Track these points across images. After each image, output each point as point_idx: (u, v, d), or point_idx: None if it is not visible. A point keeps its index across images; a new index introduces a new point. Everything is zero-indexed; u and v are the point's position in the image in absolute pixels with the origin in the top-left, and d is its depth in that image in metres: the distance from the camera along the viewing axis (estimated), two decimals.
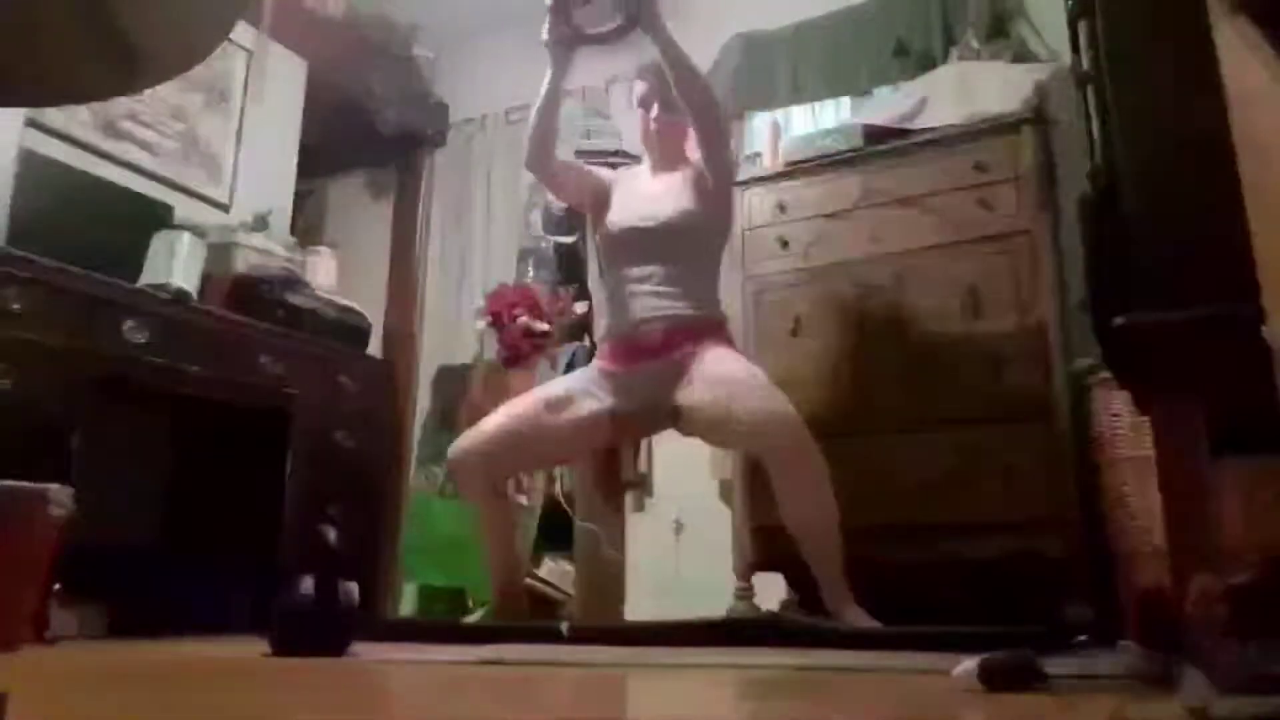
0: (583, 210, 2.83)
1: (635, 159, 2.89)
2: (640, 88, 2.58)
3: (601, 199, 2.61)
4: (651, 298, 2.43)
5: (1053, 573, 2.34)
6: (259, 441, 3.17)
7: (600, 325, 2.64)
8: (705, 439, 2.55)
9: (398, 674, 1.61)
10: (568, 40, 2.44)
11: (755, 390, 2.27)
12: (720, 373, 2.32)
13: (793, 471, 2.22)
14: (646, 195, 2.54)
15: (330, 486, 3.22)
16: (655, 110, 2.55)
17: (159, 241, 3.01)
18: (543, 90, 2.49)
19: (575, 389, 2.48)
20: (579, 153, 3.50)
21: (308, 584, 1.85)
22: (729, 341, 2.49)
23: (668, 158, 2.60)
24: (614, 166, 2.83)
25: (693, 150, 2.59)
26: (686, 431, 2.46)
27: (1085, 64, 1.43)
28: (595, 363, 2.57)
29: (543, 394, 2.51)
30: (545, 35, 2.44)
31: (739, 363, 2.39)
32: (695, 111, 2.49)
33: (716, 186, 2.53)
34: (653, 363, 2.40)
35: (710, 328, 2.45)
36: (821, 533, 2.21)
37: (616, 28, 2.39)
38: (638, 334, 2.44)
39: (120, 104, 3.29)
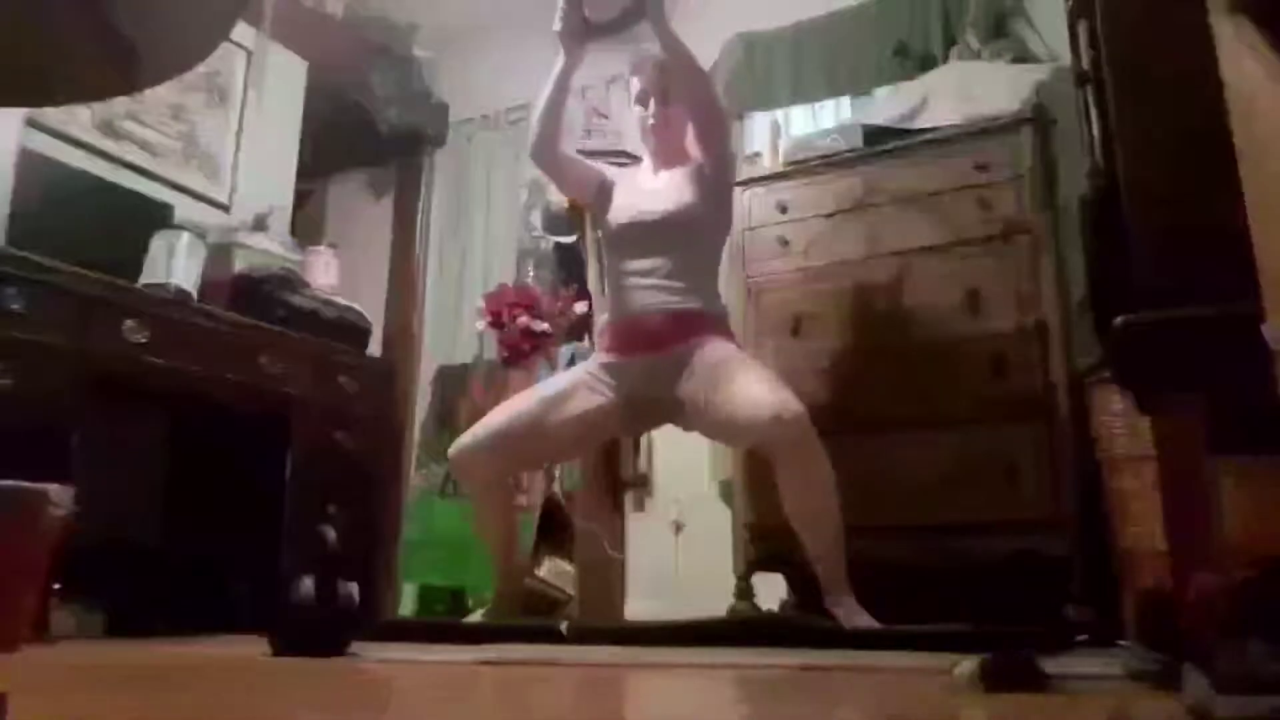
0: (584, 204, 2.83)
1: (636, 159, 2.88)
2: (637, 83, 2.59)
3: (604, 193, 2.62)
4: (653, 291, 2.43)
5: (1053, 573, 2.34)
6: (259, 441, 3.17)
7: (601, 318, 2.64)
8: (706, 434, 2.51)
9: (398, 674, 1.61)
10: (580, 30, 2.46)
11: (757, 384, 2.25)
12: (721, 367, 2.32)
13: (795, 466, 2.20)
14: (648, 190, 2.55)
15: (330, 486, 3.22)
16: (652, 106, 2.55)
17: (159, 241, 3.01)
18: (551, 80, 2.51)
19: (576, 384, 2.47)
20: (580, 151, 3.50)
21: (308, 584, 1.85)
22: (729, 335, 2.49)
23: (667, 154, 2.59)
24: (617, 165, 2.83)
25: (692, 146, 2.60)
26: (687, 427, 2.45)
27: (1085, 64, 1.43)
28: (596, 357, 2.56)
29: (543, 391, 2.50)
30: (557, 25, 2.46)
31: (739, 357, 2.38)
32: (694, 106, 2.51)
33: (715, 180, 2.53)
34: (654, 355, 2.39)
35: (711, 322, 2.45)
36: (823, 528, 2.20)
37: (623, 14, 2.42)
38: (639, 323, 2.44)
39: (120, 104, 3.29)
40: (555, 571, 3.23)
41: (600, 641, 2.05)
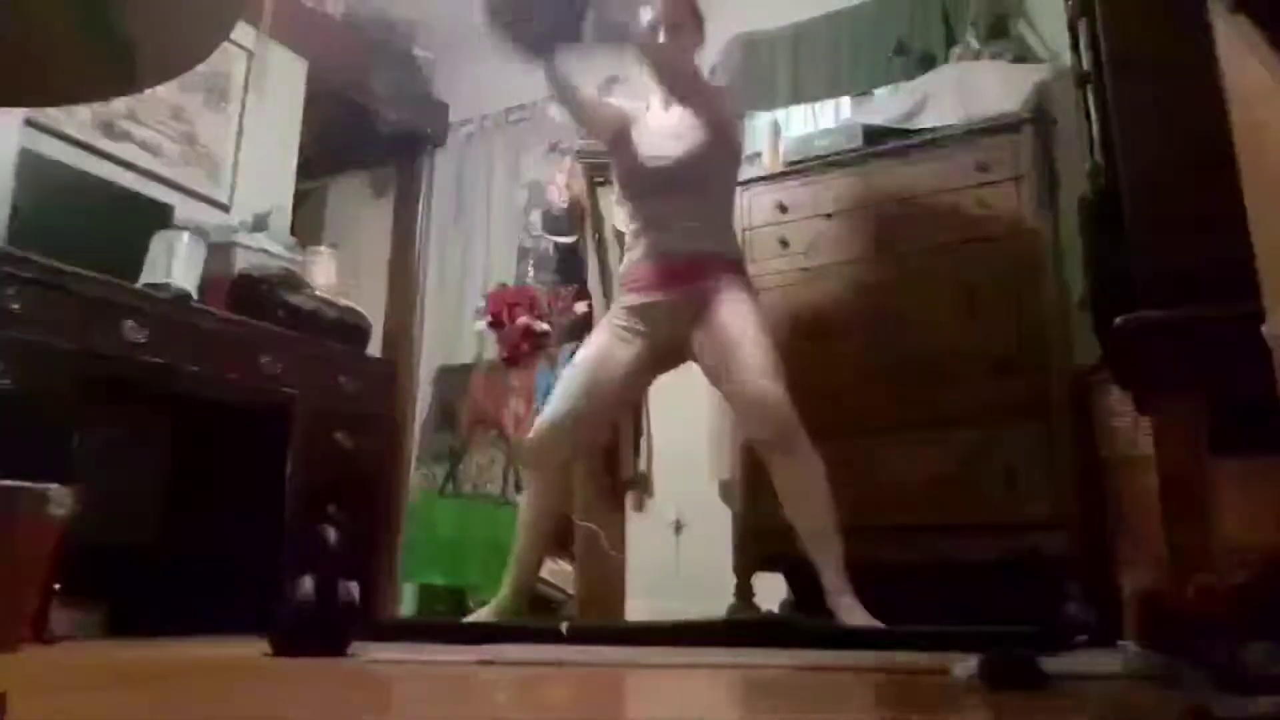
0: (604, 143, 2.84)
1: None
2: (648, 13, 2.57)
3: (622, 133, 2.64)
4: (671, 233, 2.50)
5: (1053, 573, 2.34)
6: (259, 441, 3.17)
7: (626, 256, 2.67)
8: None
9: (398, 674, 1.61)
10: (532, 47, 2.53)
11: (750, 371, 2.31)
12: (727, 331, 2.37)
13: (783, 461, 2.28)
14: (663, 130, 2.57)
15: (330, 486, 3.22)
16: (662, 36, 2.55)
17: (159, 241, 3.01)
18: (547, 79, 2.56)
19: (609, 340, 2.53)
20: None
21: (308, 584, 1.85)
22: (744, 276, 2.54)
23: (677, 85, 2.60)
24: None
25: (701, 75, 2.64)
26: (697, 361, 2.51)
27: (1085, 64, 1.43)
28: (618, 301, 2.60)
29: (584, 355, 2.56)
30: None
31: (747, 323, 2.40)
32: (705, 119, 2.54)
33: (724, 127, 2.57)
34: (674, 293, 2.46)
35: (727, 264, 2.51)
36: (817, 524, 2.23)
37: (544, 35, 2.49)
38: (660, 264, 2.50)
39: (120, 104, 3.28)
40: (555, 572, 3.24)
41: (600, 641, 2.05)
